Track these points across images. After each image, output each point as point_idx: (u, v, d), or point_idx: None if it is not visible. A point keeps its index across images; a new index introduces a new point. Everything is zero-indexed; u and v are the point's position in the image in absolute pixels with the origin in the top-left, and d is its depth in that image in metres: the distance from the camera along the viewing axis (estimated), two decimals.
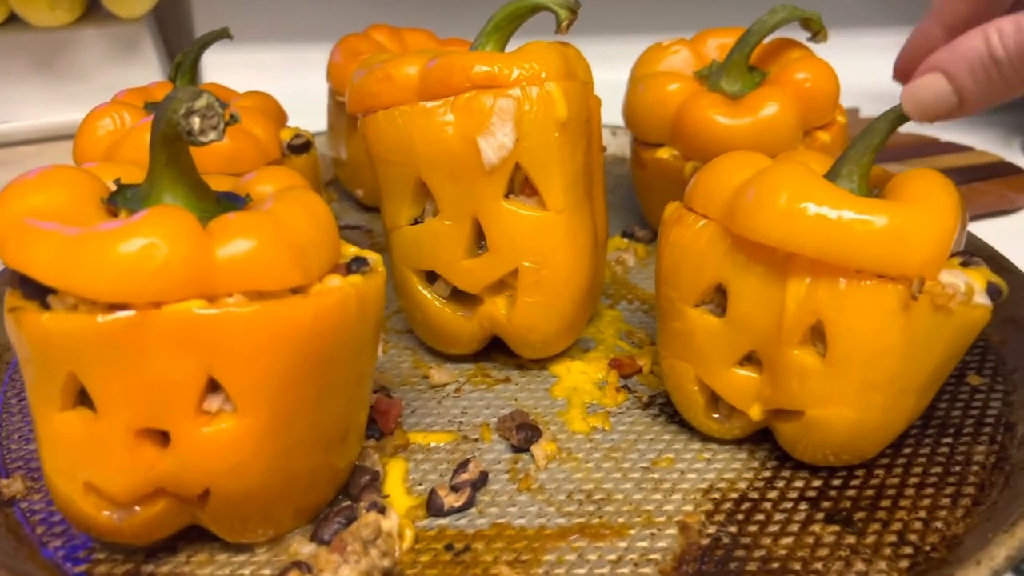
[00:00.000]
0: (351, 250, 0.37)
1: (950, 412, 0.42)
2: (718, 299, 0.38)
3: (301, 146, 0.52)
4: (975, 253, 0.37)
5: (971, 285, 0.35)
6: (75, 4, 0.81)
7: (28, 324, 0.30)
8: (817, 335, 0.35)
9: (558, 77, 0.41)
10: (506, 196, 0.42)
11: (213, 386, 0.31)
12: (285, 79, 0.77)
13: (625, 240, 0.60)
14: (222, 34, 0.49)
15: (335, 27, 0.95)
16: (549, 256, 0.42)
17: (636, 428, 0.42)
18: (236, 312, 0.30)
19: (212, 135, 0.31)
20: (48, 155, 0.80)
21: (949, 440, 0.40)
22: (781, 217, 0.34)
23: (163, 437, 0.31)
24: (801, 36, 0.54)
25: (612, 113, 0.57)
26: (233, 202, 0.35)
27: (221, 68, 0.96)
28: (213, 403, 0.31)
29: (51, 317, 0.30)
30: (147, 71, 0.84)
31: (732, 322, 0.37)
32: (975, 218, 0.69)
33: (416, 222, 0.44)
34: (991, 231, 0.69)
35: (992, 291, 0.36)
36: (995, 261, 0.52)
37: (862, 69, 1.01)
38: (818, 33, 0.53)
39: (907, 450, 0.40)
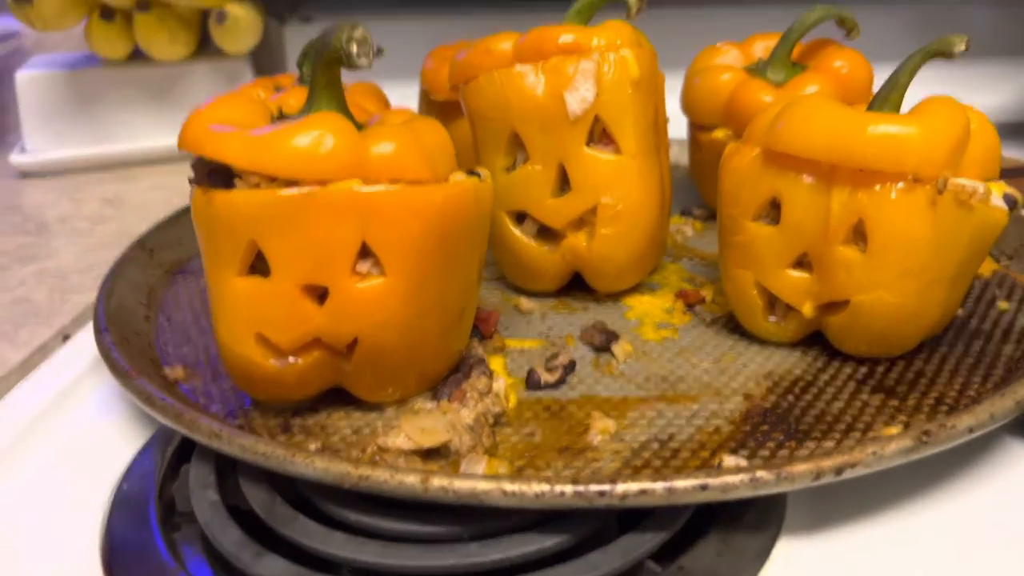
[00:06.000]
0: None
1: (980, 325, 0.48)
2: (772, 213, 0.45)
3: None
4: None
5: (989, 188, 0.41)
6: (190, 41, 0.93)
7: (219, 202, 0.38)
8: (858, 236, 0.42)
9: (631, 46, 0.50)
10: (587, 144, 0.50)
11: (364, 253, 0.38)
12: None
13: (683, 218, 0.67)
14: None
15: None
16: (624, 193, 0.50)
17: (702, 337, 0.48)
18: (385, 190, 0.38)
19: (364, 61, 0.40)
20: (157, 173, 0.91)
21: (980, 342, 0.46)
22: (812, 130, 0.41)
23: (321, 298, 0.39)
24: (837, 36, 0.62)
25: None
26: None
27: None
28: (364, 266, 0.38)
29: (239, 193, 0.38)
30: None
31: (785, 228, 0.44)
32: None
33: (508, 170, 0.52)
34: None
35: (1008, 199, 0.42)
36: None
37: None
38: (852, 31, 0.61)
39: (943, 349, 0.46)
